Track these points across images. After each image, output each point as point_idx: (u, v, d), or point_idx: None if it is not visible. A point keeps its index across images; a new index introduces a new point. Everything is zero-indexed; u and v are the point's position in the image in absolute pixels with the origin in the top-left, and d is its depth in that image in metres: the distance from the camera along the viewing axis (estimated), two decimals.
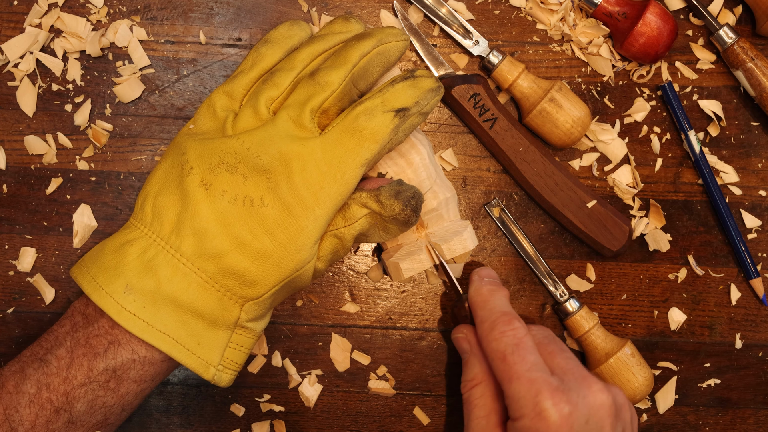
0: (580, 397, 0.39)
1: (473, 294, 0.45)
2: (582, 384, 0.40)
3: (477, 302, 0.44)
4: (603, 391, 0.40)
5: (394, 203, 0.41)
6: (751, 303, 0.51)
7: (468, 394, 0.43)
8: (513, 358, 0.40)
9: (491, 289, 0.45)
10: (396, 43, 0.43)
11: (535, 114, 0.48)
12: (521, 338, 0.41)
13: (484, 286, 0.45)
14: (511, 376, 0.39)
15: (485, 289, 0.45)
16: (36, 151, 0.49)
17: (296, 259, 0.40)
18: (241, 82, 0.43)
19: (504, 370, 0.40)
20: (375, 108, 0.41)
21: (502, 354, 0.40)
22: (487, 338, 0.42)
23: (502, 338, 0.41)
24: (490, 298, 0.44)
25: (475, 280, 0.46)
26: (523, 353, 0.40)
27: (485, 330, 0.42)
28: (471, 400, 0.43)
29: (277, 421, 0.50)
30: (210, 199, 0.39)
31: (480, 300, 0.44)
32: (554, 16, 0.50)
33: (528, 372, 0.39)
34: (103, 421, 0.40)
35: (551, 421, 0.37)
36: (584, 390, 0.39)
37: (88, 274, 0.40)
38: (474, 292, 0.45)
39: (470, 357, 0.44)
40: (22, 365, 0.39)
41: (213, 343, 0.40)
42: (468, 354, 0.45)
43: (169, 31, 0.49)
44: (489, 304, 0.44)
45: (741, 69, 0.49)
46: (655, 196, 0.51)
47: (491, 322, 0.42)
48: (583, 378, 0.40)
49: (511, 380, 0.39)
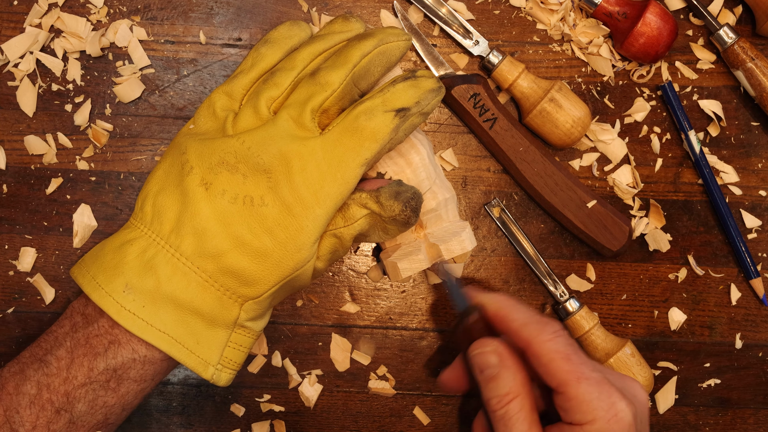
0: (632, 396, 0.38)
1: (495, 303, 0.42)
2: (626, 381, 0.39)
3: (506, 307, 0.42)
4: (642, 388, 0.40)
5: (394, 204, 0.41)
6: (751, 303, 0.51)
7: (505, 410, 0.40)
8: (576, 358, 0.38)
9: (510, 300, 0.42)
10: (397, 42, 0.43)
11: (535, 114, 0.48)
12: (572, 339, 0.40)
13: (503, 299, 0.42)
14: (580, 376, 0.38)
15: (504, 300, 0.42)
16: (36, 151, 0.49)
17: (296, 259, 0.40)
18: (241, 82, 0.43)
19: (569, 371, 0.38)
20: (375, 108, 0.41)
21: (566, 354, 0.38)
22: (538, 339, 0.39)
23: (558, 338, 0.39)
24: (515, 305, 0.42)
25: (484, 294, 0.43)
26: (581, 353, 0.39)
27: (533, 332, 0.40)
28: (509, 416, 0.40)
29: (277, 421, 0.50)
30: (210, 199, 0.39)
31: (509, 305, 0.42)
32: (554, 16, 0.50)
33: (593, 372, 0.38)
34: (103, 420, 0.40)
35: (626, 422, 0.36)
36: (632, 388, 0.39)
37: (88, 274, 0.40)
38: (495, 302, 0.42)
39: (502, 370, 0.41)
40: (21, 366, 0.39)
41: (212, 342, 0.40)
42: (497, 368, 0.41)
43: (169, 31, 0.49)
44: (521, 309, 0.41)
45: (741, 69, 0.49)
46: (655, 196, 0.51)
47: (537, 322, 0.40)
48: (622, 376, 0.40)
49: (580, 381, 0.37)
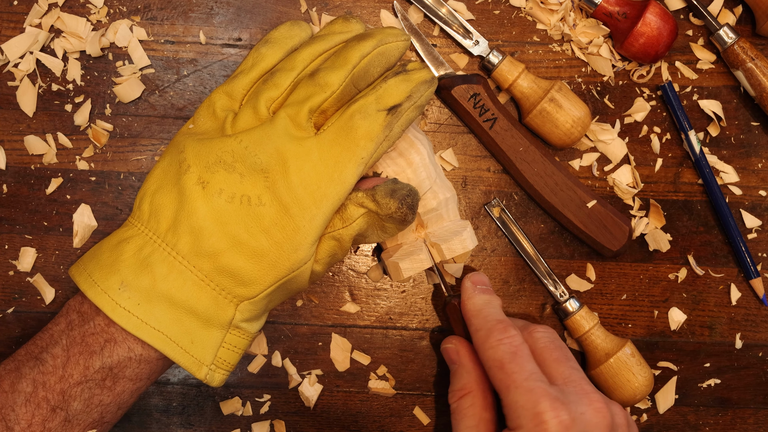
0: (578, 412, 0.38)
1: (466, 301, 0.45)
2: (583, 398, 0.39)
3: (470, 310, 0.44)
4: (602, 410, 0.39)
5: (390, 202, 0.41)
6: (751, 303, 0.51)
7: (457, 404, 0.43)
8: (511, 366, 0.39)
9: (484, 297, 0.44)
10: (396, 43, 0.43)
11: (535, 114, 0.48)
12: (518, 346, 0.40)
13: (477, 295, 0.45)
14: (509, 384, 0.39)
15: (478, 297, 0.44)
16: (36, 151, 0.49)
17: (292, 259, 0.40)
18: (241, 82, 0.43)
19: (501, 379, 0.39)
20: (369, 106, 0.41)
21: (500, 362, 0.40)
22: (483, 346, 0.41)
23: (498, 346, 0.40)
24: (483, 306, 0.44)
25: (468, 287, 0.45)
26: (520, 362, 0.40)
27: (481, 338, 0.42)
28: (460, 410, 0.42)
29: (277, 421, 0.50)
30: (207, 198, 0.39)
31: (473, 308, 0.44)
32: (554, 16, 0.50)
33: (526, 381, 0.39)
34: (99, 419, 0.40)
35: (550, 430, 0.37)
36: (584, 405, 0.39)
37: (85, 272, 0.40)
38: (467, 300, 0.45)
39: (458, 367, 0.44)
40: (17, 364, 0.39)
41: (206, 342, 0.40)
42: (456, 365, 0.44)
43: (169, 31, 0.49)
44: (483, 313, 0.43)
45: (741, 69, 0.49)
46: (655, 196, 0.51)
47: (486, 330, 0.42)
48: (584, 392, 0.40)
49: (509, 389, 0.39)
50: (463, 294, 0.45)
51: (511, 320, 0.43)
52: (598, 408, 0.39)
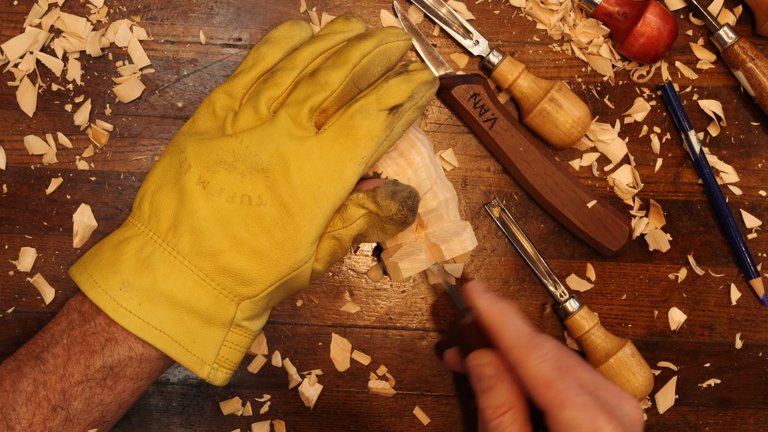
0: (624, 415, 0.38)
1: (488, 315, 0.42)
2: (619, 400, 0.39)
3: (496, 324, 0.42)
4: (638, 405, 0.39)
5: (391, 203, 0.41)
6: (751, 303, 0.51)
7: (498, 421, 0.41)
8: (560, 384, 0.38)
9: (504, 306, 0.42)
10: (397, 42, 0.43)
11: (535, 114, 0.48)
12: (561, 361, 0.39)
13: (495, 305, 0.42)
14: (563, 402, 0.38)
15: (498, 307, 0.42)
16: (36, 151, 0.49)
17: (293, 258, 0.40)
18: (242, 81, 0.43)
19: (552, 396, 0.38)
20: (370, 105, 0.41)
21: (548, 380, 0.38)
22: (524, 364, 0.39)
23: (543, 364, 0.39)
24: (508, 318, 0.42)
25: (479, 298, 0.43)
26: (568, 378, 0.38)
27: (519, 356, 0.40)
28: (502, 427, 0.41)
29: (277, 421, 0.50)
30: (207, 197, 0.39)
31: (500, 322, 0.42)
32: (554, 16, 0.50)
33: (578, 397, 0.38)
34: (99, 418, 0.40)
35: None
36: (624, 406, 0.39)
37: (85, 272, 0.40)
38: (488, 313, 0.42)
39: (497, 382, 0.42)
40: (18, 363, 0.39)
41: (208, 341, 0.40)
42: (494, 379, 0.42)
43: (169, 31, 0.49)
44: (512, 325, 0.41)
45: (741, 69, 0.49)
46: (655, 196, 0.51)
47: (525, 345, 0.40)
48: (617, 393, 0.39)
49: (563, 407, 0.37)
50: (478, 304, 0.43)
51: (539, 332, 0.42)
52: (635, 405, 0.39)
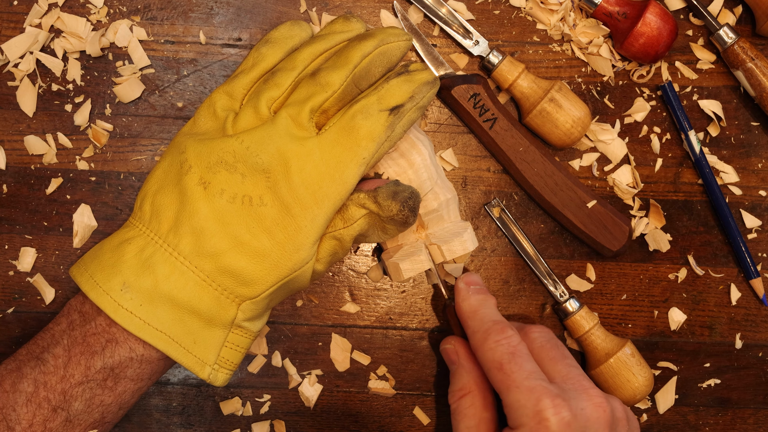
0: (579, 408, 0.39)
1: (461, 303, 0.44)
2: (582, 394, 0.40)
3: (466, 312, 0.44)
4: (602, 405, 0.39)
5: (392, 204, 0.41)
6: (751, 303, 0.51)
7: (456, 404, 0.43)
8: (510, 366, 0.39)
9: (479, 298, 0.44)
10: (398, 43, 0.43)
11: (535, 114, 0.48)
12: (516, 346, 0.40)
13: (472, 296, 0.44)
14: (510, 384, 0.39)
15: (473, 298, 0.44)
16: (36, 151, 0.49)
17: (294, 259, 0.40)
18: (242, 81, 0.43)
19: (501, 380, 0.40)
20: (371, 106, 0.41)
21: (499, 363, 0.40)
22: (481, 348, 0.41)
23: (497, 348, 0.40)
24: (479, 307, 0.44)
25: (461, 288, 0.45)
26: (519, 361, 0.40)
27: (478, 340, 0.42)
28: (460, 410, 0.43)
29: (277, 421, 0.50)
30: (208, 198, 0.39)
31: (469, 310, 0.44)
32: (554, 16, 0.50)
33: (526, 380, 0.39)
34: (100, 419, 0.40)
35: (552, 428, 0.37)
36: (584, 400, 0.39)
37: (86, 272, 0.40)
38: (462, 302, 0.44)
39: (458, 368, 0.44)
40: (18, 364, 0.39)
41: (209, 341, 0.40)
42: (456, 365, 0.45)
43: (169, 31, 0.49)
44: (479, 314, 0.43)
45: (741, 69, 0.49)
46: (655, 196, 0.51)
47: (484, 331, 0.42)
48: (583, 388, 0.40)
49: (510, 389, 0.39)
50: (457, 296, 0.45)
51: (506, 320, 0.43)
52: (598, 403, 0.39)
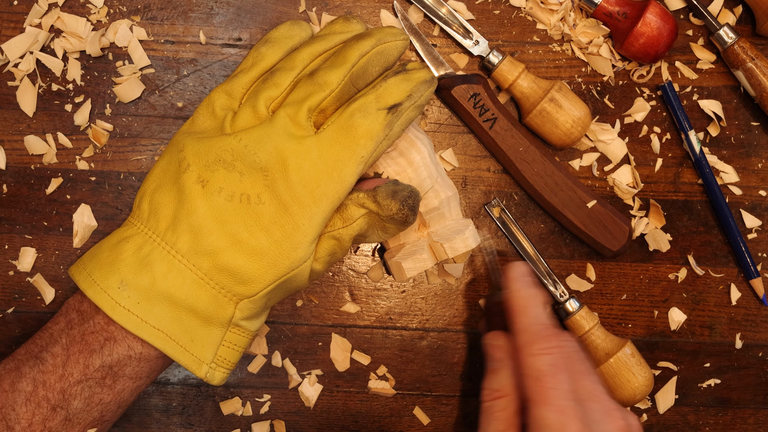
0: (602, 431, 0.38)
1: (513, 296, 0.42)
2: (606, 417, 0.38)
3: (517, 307, 0.42)
4: (623, 428, 0.38)
5: (391, 203, 0.41)
6: (751, 303, 0.51)
7: (490, 404, 0.41)
8: (548, 381, 0.38)
9: (532, 293, 0.42)
10: (395, 42, 0.43)
11: (535, 114, 0.48)
12: (560, 360, 0.39)
13: (524, 289, 0.42)
14: (544, 399, 0.38)
15: (525, 292, 0.42)
16: (36, 151, 0.49)
17: (292, 258, 0.40)
18: (241, 81, 0.43)
19: (537, 391, 0.38)
20: (369, 104, 0.41)
21: (539, 372, 0.39)
22: (524, 351, 0.40)
23: (541, 356, 0.39)
24: (530, 304, 0.42)
25: (516, 279, 0.43)
26: (560, 378, 0.38)
27: (524, 342, 0.40)
28: (492, 411, 0.41)
29: (277, 421, 0.50)
30: (206, 196, 0.39)
31: (520, 305, 0.42)
32: (554, 16, 0.50)
33: (561, 399, 0.38)
34: (99, 418, 0.40)
35: None
36: (606, 425, 0.38)
37: (84, 271, 0.40)
38: (514, 294, 0.42)
39: (501, 367, 0.42)
40: (17, 363, 0.39)
41: (206, 340, 0.40)
42: (500, 362, 0.42)
43: (169, 31, 0.49)
44: (531, 311, 0.41)
45: (741, 69, 0.49)
46: (655, 196, 0.51)
47: (532, 334, 0.40)
48: (608, 411, 0.39)
49: (542, 404, 0.38)
50: (509, 284, 0.43)
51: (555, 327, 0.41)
52: (620, 426, 0.38)
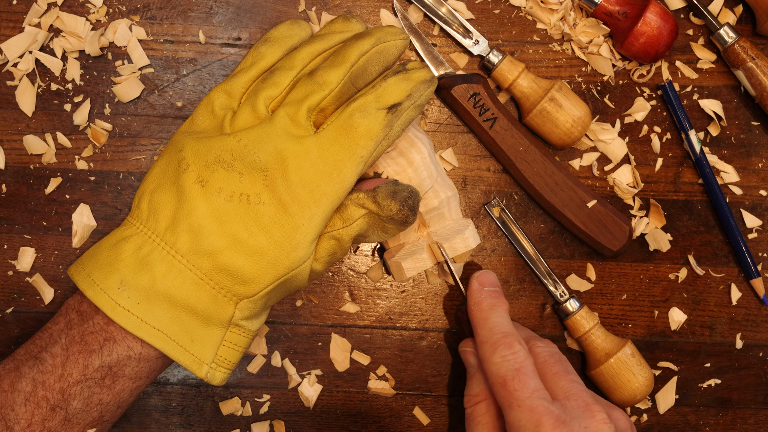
0: (582, 428, 0.38)
1: (473, 307, 0.44)
2: (585, 412, 0.39)
3: (477, 318, 0.43)
4: (605, 420, 0.39)
5: (391, 203, 0.41)
6: (752, 303, 0.51)
7: (471, 410, 0.43)
8: (514, 384, 0.39)
9: (491, 303, 0.43)
10: (395, 41, 0.43)
11: (535, 113, 0.48)
12: (522, 362, 0.40)
13: (485, 300, 0.44)
14: (512, 402, 0.39)
15: (485, 303, 0.43)
16: (35, 150, 0.48)
17: (291, 258, 0.40)
18: (241, 80, 0.43)
19: (504, 396, 0.39)
20: (368, 104, 0.41)
21: (503, 379, 0.39)
22: (488, 361, 0.41)
23: (503, 363, 0.40)
24: (490, 314, 0.43)
25: (475, 289, 0.44)
26: (524, 379, 0.39)
27: (486, 352, 0.41)
28: (474, 417, 0.42)
29: (277, 421, 0.50)
30: (206, 196, 0.39)
31: (480, 316, 0.43)
32: (554, 15, 0.50)
33: (529, 399, 0.38)
34: (98, 418, 0.40)
35: None
36: (587, 419, 0.39)
37: (84, 271, 0.40)
38: (474, 306, 0.44)
39: (476, 372, 0.44)
40: (16, 363, 0.39)
41: (207, 340, 0.40)
42: (474, 369, 0.44)
43: (168, 31, 0.49)
44: (489, 322, 0.42)
45: (741, 68, 0.49)
46: (656, 196, 0.51)
47: (492, 343, 0.41)
48: (586, 406, 0.39)
49: (512, 407, 0.39)
50: (469, 298, 0.44)
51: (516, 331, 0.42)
52: (602, 419, 0.39)
